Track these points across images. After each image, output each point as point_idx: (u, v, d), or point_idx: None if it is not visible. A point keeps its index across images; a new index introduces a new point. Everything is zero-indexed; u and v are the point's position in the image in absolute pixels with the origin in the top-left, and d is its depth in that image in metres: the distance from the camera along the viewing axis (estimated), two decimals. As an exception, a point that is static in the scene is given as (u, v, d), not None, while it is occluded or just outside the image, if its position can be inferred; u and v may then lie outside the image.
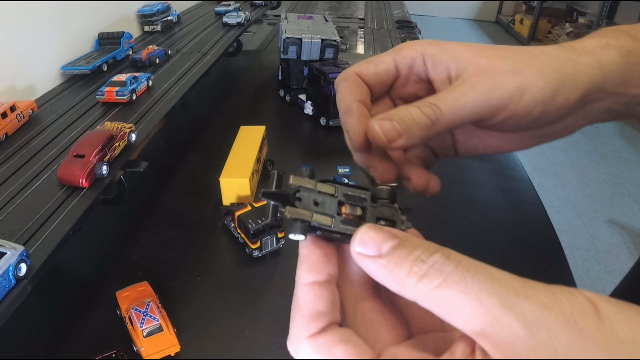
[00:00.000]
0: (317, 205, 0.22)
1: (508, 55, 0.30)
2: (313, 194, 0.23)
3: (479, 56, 0.30)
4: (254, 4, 1.32)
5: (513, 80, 0.28)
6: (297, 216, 0.22)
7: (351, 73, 0.31)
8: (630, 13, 3.83)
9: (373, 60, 0.32)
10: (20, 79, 0.68)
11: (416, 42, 0.32)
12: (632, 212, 2.24)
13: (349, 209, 0.23)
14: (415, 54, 0.31)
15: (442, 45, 0.31)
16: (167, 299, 0.50)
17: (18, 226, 0.42)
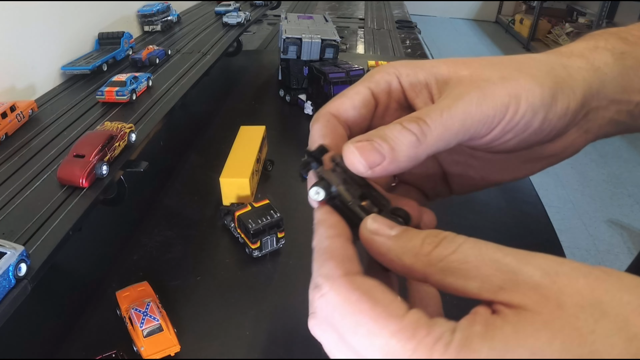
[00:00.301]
0: (346, 183, 0.23)
1: (493, 63, 0.27)
2: (346, 175, 0.23)
3: (460, 68, 0.27)
4: (254, 4, 1.32)
5: (505, 87, 0.25)
6: (327, 177, 0.23)
7: (324, 113, 0.28)
8: (630, 13, 3.83)
9: (346, 93, 0.28)
10: (20, 79, 0.68)
11: (389, 64, 0.29)
12: (632, 212, 2.24)
13: (369, 204, 0.23)
14: (389, 77, 0.28)
15: (416, 64, 0.28)
16: (167, 299, 0.50)
17: (18, 226, 0.42)
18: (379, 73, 0.29)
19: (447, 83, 0.26)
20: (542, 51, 0.32)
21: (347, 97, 0.28)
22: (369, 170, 0.23)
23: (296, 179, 0.73)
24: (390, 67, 0.29)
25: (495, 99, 0.24)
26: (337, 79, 0.83)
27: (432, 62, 0.28)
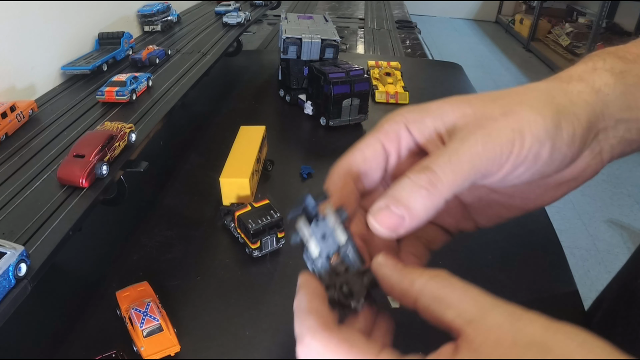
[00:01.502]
0: (324, 237, 0.27)
1: (495, 98, 0.27)
2: (328, 229, 0.27)
3: (463, 105, 0.27)
4: (254, 4, 1.32)
5: (507, 123, 0.25)
6: (301, 234, 0.28)
7: (337, 169, 0.29)
8: (630, 13, 3.83)
9: (358, 146, 0.30)
10: (20, 79, 0.68)
11: (396, 113, 0.30)
12: (632, 212, 2.24)
13: (337, 260, 0.27)
14: (397, 126, 0.29)
15: (422, 108, 0.29)
16: (167, 299, 0.50)
17: (18, 226, 0.42)
18: (387, 123, 0.30)
19: (454, 123, 0.27)
20: (542, 51, 0.33)
21: (358, 150, 0.29)
22: (394, 234, 0.25)
23: (296, 179, 0.73)
24: (398, 115, 0.30)
25: (499, 136, 0.25)
26: (337, 79, 0.83)
27: (437, 104, 0.29)
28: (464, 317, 0.21)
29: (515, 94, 0.27)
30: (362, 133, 0.88)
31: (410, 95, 1.03)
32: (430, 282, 0.23)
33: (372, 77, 1.10)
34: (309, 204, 0.27)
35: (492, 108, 0.26)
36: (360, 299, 0.26)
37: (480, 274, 0.55)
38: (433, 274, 0.23)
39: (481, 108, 0.27)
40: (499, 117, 0.25)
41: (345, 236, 0.27)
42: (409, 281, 0.24)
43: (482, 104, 0.27)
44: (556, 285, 0.54)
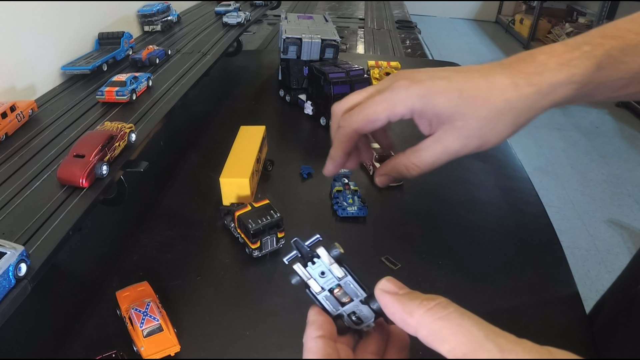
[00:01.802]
0: (323, 274, 0.29)
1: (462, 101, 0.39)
2: (325, 267, 0.29)
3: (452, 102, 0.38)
4: (254, 4, 1.32)
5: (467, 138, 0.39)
6: (299, 273, 0.30)
7: (351, 130, 0.41)
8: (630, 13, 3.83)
9: (369, 116, 0.40)
10: (20, 79, 0.68)
11: (408, 94, 0.39)
12: (632, 212, 2.24)
13: (340, 292, 0.29)
14: (405, 110, 0.39)
15: (428, 98, 0.38)
16: (167, 299, 0.50)
17: (18, 226, 0.42)
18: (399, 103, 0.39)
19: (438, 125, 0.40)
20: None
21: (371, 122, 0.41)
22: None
23: (296, 179, 0.73)
24: (409, 99, 0.39)
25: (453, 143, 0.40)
26: (337, 79, 0.83)
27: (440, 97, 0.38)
28: (455, 352, 0.23)
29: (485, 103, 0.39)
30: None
31: (410, 95, 1.03)
32: (427, 315, 0.24)
33: (372, 77, 1.10)
34: (302, 249, 0.29)
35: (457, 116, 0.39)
36: (370, 323, 0.28)
37: (480, 274, 0.55)
38: (431, 304, 0.24)
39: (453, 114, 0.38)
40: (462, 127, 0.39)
41: (342, 271, 0.29)
42: (408, 312, 0.25)
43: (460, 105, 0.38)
44: (556, 285, 0.54)
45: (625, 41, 0.39)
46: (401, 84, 0.39)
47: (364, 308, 0.28)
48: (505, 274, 0.55)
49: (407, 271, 0.55)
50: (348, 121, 0.42)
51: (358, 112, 0.41)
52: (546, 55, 0.38)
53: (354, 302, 0.29)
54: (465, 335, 0.23)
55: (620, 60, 0.38)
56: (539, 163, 2.64)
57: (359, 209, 0.61)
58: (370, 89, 0.43)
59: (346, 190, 0.63)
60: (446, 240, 0.61)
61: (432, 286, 0.53)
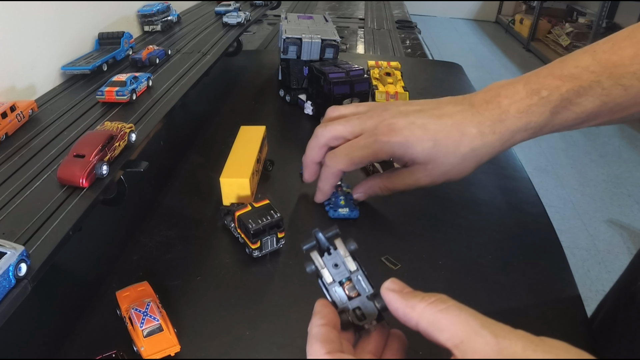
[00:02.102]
0: (336, 266, 0.31)
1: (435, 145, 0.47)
2: (339, 259, 0.31)
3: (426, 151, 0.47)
4: (254, 4, 1.32)
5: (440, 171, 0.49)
6: (315, 262, 0.31)
7: (337, 170, 0.53)
8: (630, 13, 3.83)
9: (355, 160, 0.51)
10: (20, 79, 0.68)
11: (390, 145, 0.48)
12: (632, 212, 2.24)
13: (349, 286, 0.31)
14: (386, 157, 0.49)
15: (406, 148, 0.47)
16: (167, 299, 0.50)
17: (18, 226, 0.42)
18: (382, 151, 0.50)
19: (412, 161, 0.50)
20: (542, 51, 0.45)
21: (349, 158, 0.53)
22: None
23: (296, 179, 0.73)
24: (389, 146, 0.49)
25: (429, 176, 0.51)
26: (337, 79, 0.83)
27: (418, 148, 0.48)
28: (453, 340, 0.24)
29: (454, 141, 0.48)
30: (362, 133, 0.88)
31: (410, 95, 1.03)
32: (427, 308, 0.26)
33: (372, 77, 1.09)
34: (321, 238, 0.31)
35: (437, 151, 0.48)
36: (372, 321, 0.30)
37: (480, 274, 0.55)
38: (432, 299, 0.27)
39: (432, 155, 0.48)
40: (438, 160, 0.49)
41: (355, 265, 0.31)
42: (410, 306, 0.27)
43: (432, 152, 0.48)
44: (556, 286, 0.54)
45: (580, 82, 0.42)
46: (383, 137, 0.47)
47: (369, 305, 0.30)
48: (505, 274, 0.55)
49: (407, 271, 0.55)
50: (334, 161, 0.51)
51: (344, 156, 0.51)
52: (509, 101, 0.43)
53: (360, 297, 0.30)
54: (462, 324, 0.25)
55: (575, 102, 0.42)
56: (539, 163, 2.64)
57: (351, 210, 0.61)
58: (354, 121, 0.50)
59: (338, 191, 0.63)
60: (446, 240, 0.61)
61: (432, 286, 0.53)
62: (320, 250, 0.32)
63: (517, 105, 0.43)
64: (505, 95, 0.44)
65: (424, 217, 0.64)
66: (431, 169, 0.47)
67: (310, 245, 0.32)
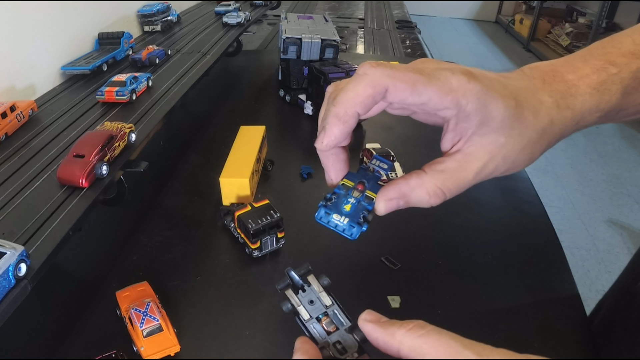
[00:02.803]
0: (312, 302, 0.31)
1: (512, 124, 0.33)
2: (314, 295, 0.31)
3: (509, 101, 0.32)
4: (254, 4, 1.32)
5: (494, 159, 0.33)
6: (291, 300, 0.32)
7: (379, 93, 0.32)
8: (630, 13, 3.83)
9: (420, 92, 0.31)
10: (20, 79, 0.68)
11: (469, 88, 0.31)
12: (632, 212, 2.24)
13: (327, 321, 0.31)
14: (455, 106, 0.31)
15: (486, 100, 0.31)
16: (167, 299, 0.50)
17: (18, 226, 0.42)
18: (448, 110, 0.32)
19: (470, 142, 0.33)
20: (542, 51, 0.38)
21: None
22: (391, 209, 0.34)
23: (296, 179, 0.73)
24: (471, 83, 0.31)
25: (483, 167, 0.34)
26: (337, 79, 0.83)
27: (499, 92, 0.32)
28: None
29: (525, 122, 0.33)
30: (362, 133, 0.88)
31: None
32: (407, 334, 0.26)
33: (372, 77, 1.09)
34: (294, 277, 0.32)
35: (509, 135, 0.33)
36: (353, 354, 0.30)
37: (480, 274, 0.55)
38: (410, 325, 0.26)
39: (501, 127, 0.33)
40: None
41: (330, 299, 0.31)
42: (390, 334, 0.27)
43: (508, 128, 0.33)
44: (556, 285, 0.54)
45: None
46: (460, 75, 0.31)
47: (348, 338, 0.30)
48: (505, 274, 0.55)
49: (407, 271, 0.55)
50: (372, 73, 0.31)
51: (390, 70, 0.31)
52: (574, 76, 0.35)
53: (339, 332, 0.31)
54: (444, 347, 0.24)
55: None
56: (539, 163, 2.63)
57: (351, 224, 0.34)
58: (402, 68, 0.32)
59: (353, 191, 0.38)
60: (446, 240, 0.61)
61: (432, 286, 0.53)
62: (295, 288, 0.32)
63: (585, 80, 0.34)
64: (566, 70, 0.35)
65: (424, 217, 0.64)
66: (502, 147, 0.32)
67: (285, 285, 0.32)
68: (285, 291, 0.32)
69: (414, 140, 0.87)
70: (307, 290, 0.31)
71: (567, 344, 0.46)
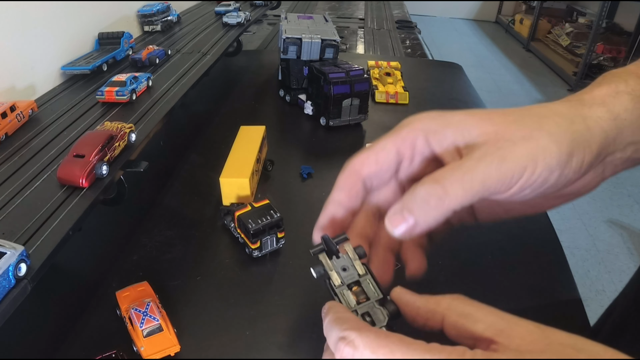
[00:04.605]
0: (344, 270, 0.29)
1: (517, 119, 0.28)
2: (348, 263, 0.30)
3: (486, 123, 0.28)
4: (254, 4, 1.32)
5: (524, 148, 0.27)
6: (325, 264, 0.30)
7: (348, 167, 0.31)
8: (630, 13, 3.83)
9: (373, 147, 0.31)
10: (20, 79, 0.68)
11: (417, 119, 0.30)
12: (632, 212, 2.24)
13: (357, 290, 0.29)
14: (415, 135, 0.30)
15: (445, 118, 0.30)
16: (167, 299, 0.50)
17: (18, 226, 0.42)
18: (406, 129, 0.31)
19: (474, 138, 0.28)
20: (542, 51, 0.34)
21: (373, 152, 0.31)
22: (407, 236, 0.27)
23: (296, 179, 0.73)
24: (418, 122, 0.30)
25: (515, 161, 0.26)
26: (337, 79, 0.83)
27: (461, 116, 0.29)
28: (493, 328, 0.23)
29: (536, 117, 0.28)
30: (362, 133, 0.88)
31: (410, 95, 1.03)
32: (455, 302, 0.25)
33: (372, 77, 1.10)
34: (329, 243, 0.30)
35: (513, 130, 0.28)
36: (381, 328, 0.28)
37: (480, 274, 0.55)
38: (454, 296, 0.25)
39: (503, 128, 0.28)
40: (517, 141, 0.27)
41: (364, 269, 0.29)
42: (434, 302, 0.26)
43: (505, 124, 0.28)
44: (557, 286, 0.54)
45: None
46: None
47: (377, 311, 0.29)
48: (505, 275, 0.55)
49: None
50: (351, 160, 0.31)
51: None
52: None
53: (368, 303, 0.29)
54: (498, 315, 0.24)
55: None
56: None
57: None
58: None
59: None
60: (446, 241, 0.60)
61: (432, 286, 0.53)
62: (329, 254, 0.31)
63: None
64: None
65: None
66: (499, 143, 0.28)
67: (319, 249, 0.31)
68: (319, 254, 0.30)
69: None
70: (341, 258, 0.30)
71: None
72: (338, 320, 0.25)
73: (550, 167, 0.27)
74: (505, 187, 0.27)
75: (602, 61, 3.68)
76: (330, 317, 0.25)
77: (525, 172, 0.26)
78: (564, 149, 0.27)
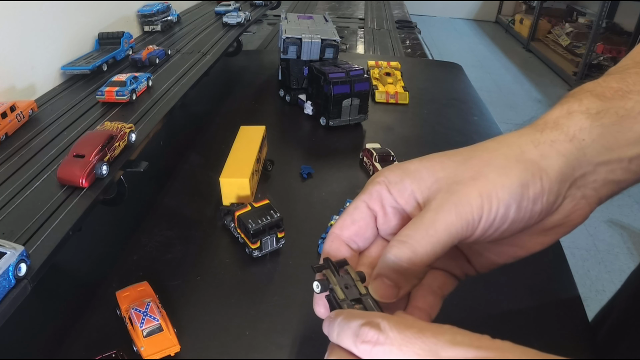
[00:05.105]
0: (347, 287, 0.29)
1: (465, 159, 0.29)
2: (350, 282, 0.29)
3: (437, 168, 0.29)
4: (254, 4, 1.32)
5: (475, 188, 0.27)
6: (329, 277, 0.29)
7: (330, 233, 0.32)
8: (630, 13, 3.83)
9: (348, 209, 0.31)
10: (20, 78, 0.68)
11: (380, 173, 0.31)
12: (632, 212, 2.24)
13: (359, 308, 0.29)
14: (379, 187, 0.30)
15: (402, 168, 0.30)
16: (167, 299, 0.50)
17: (18, 226, 0.42)
18: (370, 184, 0.31)
19: (429, 188, 0.29)
20: (542, 51, 0.33)
21: (347, 214, 0.31)
22: (392, 300, 0.27)
23: (296, 179, 0.73)
24: (380, 176, 0.31)
25: (469, 203, 0.26)
26: (337, 79, 0.83)
27: (416, 166, 0.30)
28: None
29: (485, 152, 0.29)
30: (362, 133, 0.88)
31: (410, 95, 1.03)
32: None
33: (372, 77, 1.10)
34: (331, 263, 0.30)
35: (462, 171, 0.28)
36: None
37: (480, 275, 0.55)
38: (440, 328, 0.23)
39: (453, 171, 0.28)
40: (468, 182, 0.27)
41: (365, 290, 0.29)
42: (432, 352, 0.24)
43: (454, 167, 0.28)
44: (557, 286, 0.54)
45: None
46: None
47: None
48: (505, 276, 0.55)
49: (407, 271, 0.55)
50: (331, 230, 0.32)
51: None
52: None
53: None
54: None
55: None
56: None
57: None
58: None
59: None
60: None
61: (432, 286, 0.53)
62: (335, 272, 0.31)
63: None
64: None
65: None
66: (452, 187, 0.29)
67: (322, 265, 0.31)
68: (324, 270, 0.30)
69: (414, 140, 0.87)
70: (343, 277, 0.30)
71: (566, 345, 0.46)
72: (354, 314, 0.24)
73: (505, 202, 0.26)
74: (470, 230, 0.27)
75: (602, 61, 3.68)
76: (343, 316, 0.24)
77: (484, 211, 0.26)
78: (515, 181, 0.27)
